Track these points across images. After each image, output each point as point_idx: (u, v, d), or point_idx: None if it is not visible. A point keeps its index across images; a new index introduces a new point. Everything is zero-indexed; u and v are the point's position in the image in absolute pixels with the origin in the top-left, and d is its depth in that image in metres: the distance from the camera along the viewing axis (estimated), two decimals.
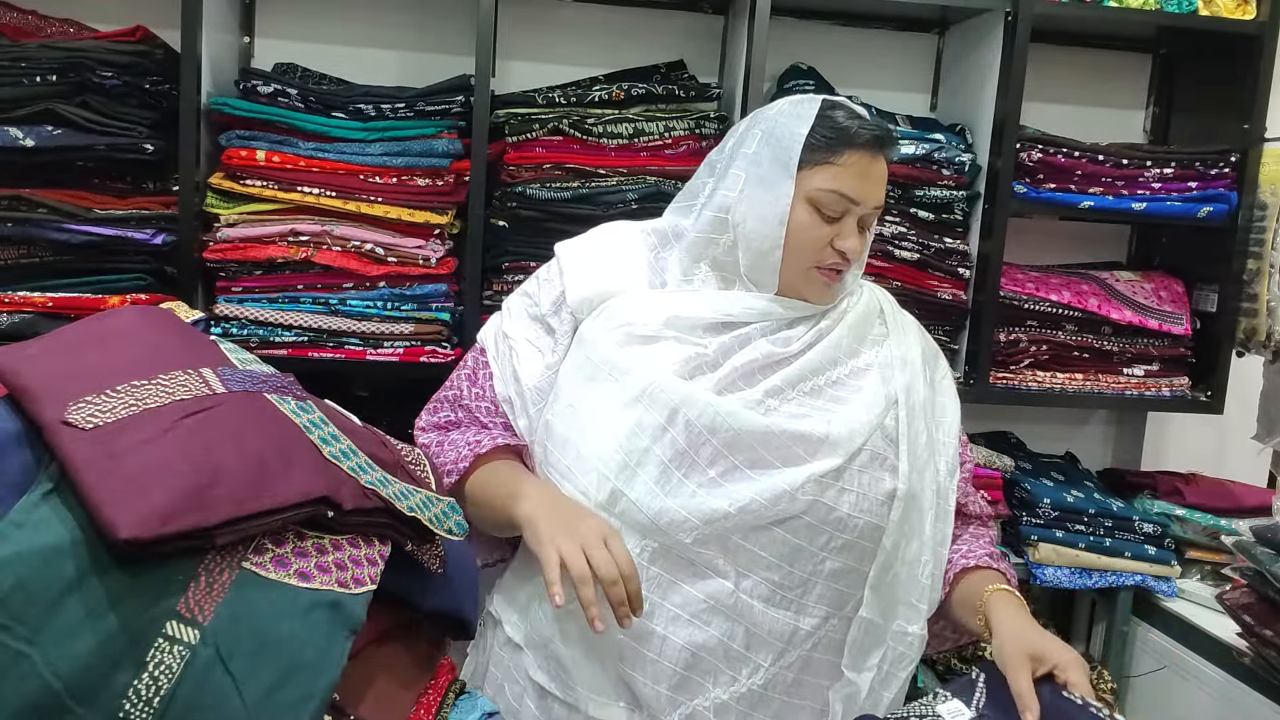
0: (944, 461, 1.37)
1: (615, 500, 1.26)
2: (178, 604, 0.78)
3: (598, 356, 1.31)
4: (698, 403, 1.25)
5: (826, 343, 1.34)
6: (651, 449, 1.25)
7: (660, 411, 1.26)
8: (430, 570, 1.05)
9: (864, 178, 1.29)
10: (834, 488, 1.26)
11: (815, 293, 1.34)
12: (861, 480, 1.28)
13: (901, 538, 1.31)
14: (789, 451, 1.26)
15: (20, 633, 0.74)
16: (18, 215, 1.87)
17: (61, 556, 0.77)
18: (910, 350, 1.40)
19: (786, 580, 1.27)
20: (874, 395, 1.33)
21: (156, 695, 0.75)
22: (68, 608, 0.75)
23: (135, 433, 0.83)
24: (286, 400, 0.97)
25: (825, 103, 1.33)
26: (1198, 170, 2.22)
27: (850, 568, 1.29)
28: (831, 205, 1.29)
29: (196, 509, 0.79)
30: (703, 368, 1.30)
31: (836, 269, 1.32)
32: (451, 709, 1.03)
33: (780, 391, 1.30)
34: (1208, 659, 2.03)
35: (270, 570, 0.83)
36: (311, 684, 0.80)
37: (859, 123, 1.30)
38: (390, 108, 1.99)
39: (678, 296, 1.35)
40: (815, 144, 1.29)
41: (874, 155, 1.30)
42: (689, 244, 1.37)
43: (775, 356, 1.32)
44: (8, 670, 0.73)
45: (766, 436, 1.25)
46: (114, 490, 0.78)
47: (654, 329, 1.31)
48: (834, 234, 1.30)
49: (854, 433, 1.28)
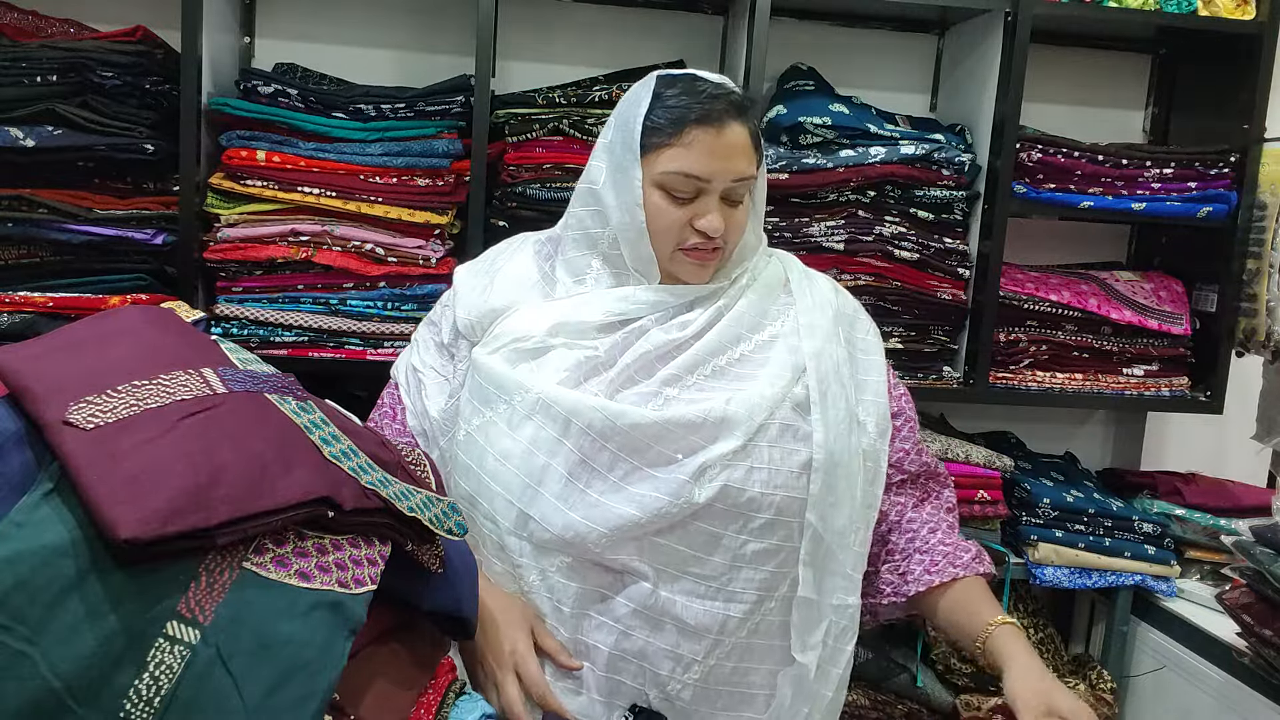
0: (871, 422, 1.33)
1: (523, 522, 1.24)
2: (178, 604, 0.78)
3: (488, 379, 1.29)
4: (587, 410, 1.23)
5: (726, 320, 1.31)
6: (550, 464, 1.23)
7: (553, 425, 1.24)
8: (430, 570, 1.05)
9: (710, 153, 1.24)
10: (740, 468, 1.22)
11: (689, 275, 1.31)
12: (772, 455, 1.24)
13: (827, 509, 1.26)
14: (687, 442, 1.23)
15: (20, 633, 0.74)
16: (18, 215, 1.87)
17: (62, 556, 0.77)
18: (818, 315, 1.35)
19: (708, 571, 1.24)
20: (780, 367, 1.29)
21: (157, 695, 0.75)
22: (68, 608, 0.75)
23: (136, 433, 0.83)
24: (287, 400, 0.97)
25: (661, 80, 1.29)
26: (1197, 170, 2.22)
27: (776, 547, 1.25)
28: (679, 186, 1.25)
29: (197, 509, 0.79)
30: (595, 369, 1.28)
31: (702, 249, 1.28)
32: (451, 709, 1.03)
33: (679, 379, 1.27)
34: (1207, 659, 2.03)
35: (271, 570, 0.83)
36: (312, 684, 0.80)
37: (698, 97, 1.25)
38: (390, 108, 2.00)
39: (565, 303, 1.32)
40: (654, 125, 1.26)
41: (719, 127, 1.24)
42: (576, 244, 1.34)
43: (673, 344, 1.28)
44: (8, 670, 0.73)
45: (661, 431, 1.22)
46: (115, 490, 0.78)
47: (540, 340, 1.29)
48: (692, 214, 1.26)
49: (754, 409, 1.24)
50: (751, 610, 1.26)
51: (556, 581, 1.24)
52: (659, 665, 1.25)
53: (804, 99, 2.20)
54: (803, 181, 2.11)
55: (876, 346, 1.41)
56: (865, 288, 2.14)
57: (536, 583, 1.25)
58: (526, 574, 1.26)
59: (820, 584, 1.28)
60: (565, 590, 1.24)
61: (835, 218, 2.13)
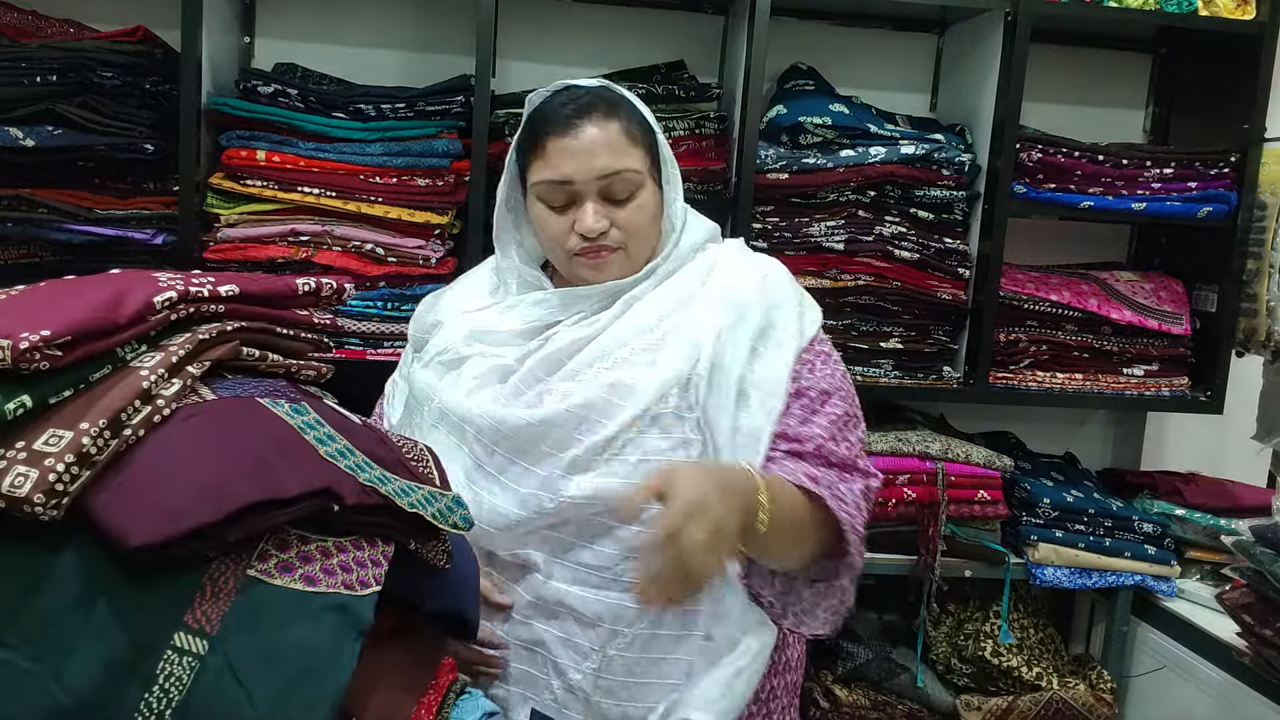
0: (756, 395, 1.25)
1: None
2: (185, 615, 0.78)
3: (413, 389, 1.38)
4: (476, 416, 1.27)
5: (632, 312, 1.31)
6: (451, 468, 1.21)
7: (453, 431, 1.29)
8: (433, 568, 1.05)
9: (568, 156, 1.27)
10: (620, 459, 1.21)
11: (589, 276, 1.32)
12: (659, 445, 1.22)
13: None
14: (568, 437, 1.23)
15: (28, 651, 0.74)
16: (18, 215, 1.87)
17: (66, 572, 0.77)
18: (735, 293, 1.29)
19: (600, 561, 1.23)
20: (679, 348, 1.26)
21: (168, 708, 0.75)
22: (74, 624, 0.75)
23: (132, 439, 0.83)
24: (279, 404, 0.97)
25: (532, 98, 1.33)
26: (1197, 170, 2.22)
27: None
28: (550, 195, 1.29)
29: (204, 505, 0.79)
30: (504, 375, 1.32)
31: (590, 250, 1.29)
32: (452, 709, 1.02)
33: (576, 373, 1.27)
34: (1207, 659, 2.03)
35: (276, 576, 0.83)
36: (322, 688, 0.79)
37: (552, 108, 1.29)
38: (390, 108, 2.00)
39: (484, 314, 1.38)
40: (522, 144, 1.32)
41: (568, 130, 1.27)
42: (501, 259, 1.41)
43: (580, 341, 1.30)
44: (17, 689, 0.73)
45: (543, 430, 1.23)
46: (118, 498, 0.78)
47: (460, 350, 1.35)
48: (573, 219, 1.29)
49: (637, 396, 1.22)
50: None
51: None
52: (557, 654, 1.26)
53: (804, 99, 2.20)
54: (803, 181, 2.11)
55: (793, 328, 1.30)
56: (865, 288, 2.14)
57: None
58: None
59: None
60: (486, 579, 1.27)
61: (835, 218, 2.13)
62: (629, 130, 1.29)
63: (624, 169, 1.28)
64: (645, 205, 1.31)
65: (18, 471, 0.75)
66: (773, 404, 1.25)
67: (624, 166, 1.28)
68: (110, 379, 0.85)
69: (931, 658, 2.25)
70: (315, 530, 0.89)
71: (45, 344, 0.78)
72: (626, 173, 1.28)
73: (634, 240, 1.31)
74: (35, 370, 0.79)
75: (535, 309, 1.35)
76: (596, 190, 1.28)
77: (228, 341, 0.98)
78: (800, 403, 1.28)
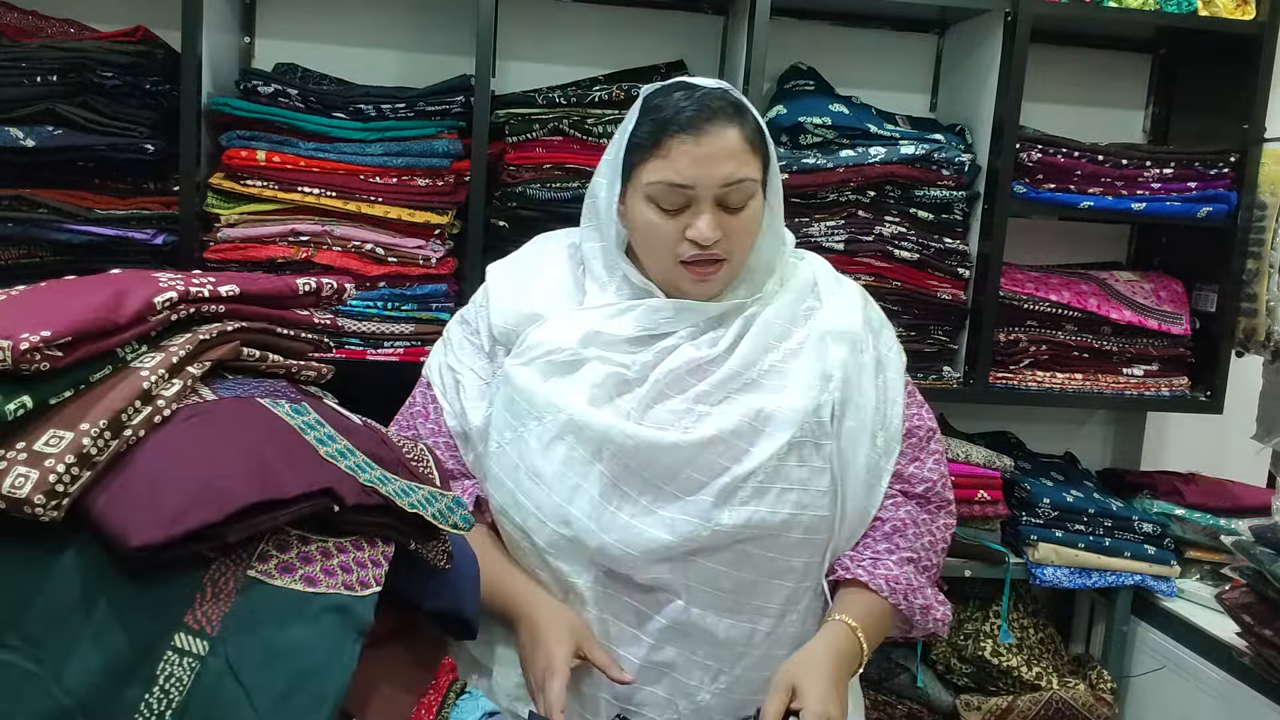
0: (881, 438, 1.32)
1: (556, 540, 1.25)
2: (185, 616, 0.78)
3: (520, 393, 1.27)
4: (619, 434, 1.22)
5: (754, 332, 1.29)
6: (581, 485, 1.23)
7: (585, 447, 1.23)
8: (433, 568, 1.05)
9: (693, 160, 1.22)
10: (772, 490, 1.23)
11: (691, 290, 1.29)
12: (800, 475, 1.24)
13: (843, 525, 1.28)
14: (715, 463, 1.23)
15: (29, 652, 0.74)
16: (18, 215, 1.86)
17: (68, 574, 0.77)
18: (845, 321, 1.33)
19: (738, 587, 1.25)
20: (809, 376, 1.27)
21: (168, 708, 0.75)
22: (75, 625, 0.75)
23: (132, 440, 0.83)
24: (280, 404, 0.97)
25: (649, 94, 1.28)
26: (1197, 170, 2.22)
27: (804, 564, 1.27)
28: (666, 197, 1.24)
29: (205, 505, 0.79)
30: (626, 386, 1.28)
31: (701, 260, 1.26)
32: (452, 709, 1.02)
33: (709, 395, 1.26)
34: (1207, 659, 2.03)
35: (276, 577, 0.83)
36: (323, 689, 0.79)
37: (675, 107, 1.23)
38: (390, 108, 1.99)
39: (596, 313, 1.31)
40: (639, 140, 1.25)
41: (699, 133, 1.22)
42: (594, 255, 1.34)
43: (703, 360, 1.27)
44: (19, 690, 0.73)
45: (692, 454, 1.22)
46: (120, 499, 0.78)
47: (574, 353, 1.27)
48: (684, 225, 1.24)
49: (783, 425, 1.24)
50: (776, 623, 1.27)
51: (590, 595, 1.25)
52: (689, 676, 1.26)
53: (804, 99, 2.20)
54: (803, 181, 2.10)
55: (897, 363, 1.39)
56: (865, 288, 2.13)
57: (573, 597, 1.27)
58: (561, 588, 1.27)
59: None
60: (598, 604, 1.26)
61: (835, 218, 2.13)
62: (751, 137, 1.26)
63: (745, 178, 1.25)
64: (755, 216, 1.28)
65: (18, 472, 0.75)
66: (894, 445, 1.34)
67: (745, 175, 1.25)
68: (110, 379, 0.85)
69: (931, 657, 2.25)
70: (316, 530, 0.89)
71: (45, 344, 0.78)
72: (746, 182, 1.25)
73: (738, 251, 1.29)
74: (35, 371, 0.79)
75: (649, 317, 1.29)
76: (714, 197, 1.24)
77: (228, 342, 0.99)
78: (910, 442, 1.36)
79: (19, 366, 0.78)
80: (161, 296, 0.91)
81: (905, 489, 1.36)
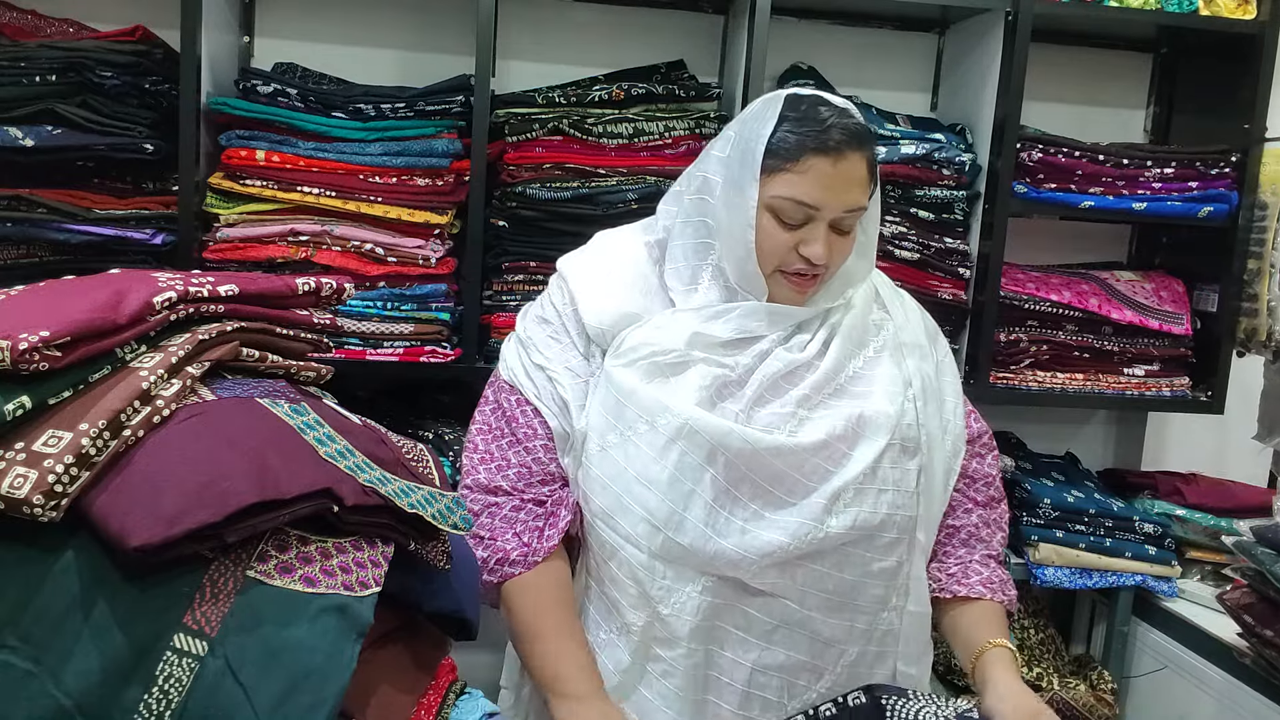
0: (949, 439, 1.37)
1: (669, 547, 1.25)
2: (184, 616, 0.78)
3: (624, 394, 1.26)
4: (734, 439, 1.23)
5: (840, 339, 1.32)
6: (695, 491, 1.24)
7: (698, 452, 1.23)
8: (434, 569, 1.05)
9: (825, 183, 1.22)
10: (871, 491, 1.27)
11: (786, 297, 1.30)
12: (893, 475, 1.29)
13: (929, 524, 1.33)
14: (824, 471, 1.26)
15: (28, 652, 0.74)
16: (17, 215, 1.86)
17: (66, 574, 0.77)
18: (916, 332, 1.40)
19: (839, 586, 1.28)
20: (891, 383, 1.32)
21: (167, 709, 0.75)
22: (74, 625, 0.75)
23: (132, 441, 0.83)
24: (279, 404, 0.96)
25: (789, 100, 1.26)
26: (1198, 170, 2.21)
27: (896, 564, 1.31)
28: (790, 213, 1.24)
29: (205, 506, 0.79)
30: (729, 389, 1.28)
31: (804, 275, 1.28)
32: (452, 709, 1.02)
33: (809, 399, 1.28)
34: (1208, 659, 2.03)
35: (275, 577, 0.83)
36: (322, 690, 0.79)
37: (820, 125, 1.23)
38: (390, 107, 1.99)
39: (695, 315, 1.30)
40: (775, 149, 1.23)
41: (838, 157, 1.22)
42: (685, 253, 1.33)
43: (795, 363, 1.29)
44: (17, 690, 0.73)
45: (802, 458, 1.24)
46: (119, 500, 0.78)
47: (679, 354, 1.27)
48: (798, 240, 1.25)
49: (880, 429, 1.28)
50: (871, 620, 1.31)
51: (700, 602, 1.26)
52: (797, 677, 1.29)
53: None
54: None
55: (952, 368, 1.44)
56: None
57: (677, 604, 1.26)
58: (667, 595, 1.26)
59: (920, 594, 1.34)
60: (707, 610, 1.26)
61: None
62: (871, 165, 1.28)
63: (861, 206, 1.27)
64: (854, 238, 1.31)
65: (17, 473, 0.75)
66: (960, 445, 1.39)
67: (863, 204, 1.27)
68: (110, 380, 0.85)
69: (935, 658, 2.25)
70: (315, 531, 0.89)
71: (44, 345, 0.78)
72: (860, 210, 1.28)
73: (834, 268, 1.31)
74: (34, 371, 0.79)
75: (747, 320, 1.30)
76: (831, 219, 1.25)
77: (227, 342, 0.98)
78: (974, 441, 1.44)
79: (18, 366, 0.77)
80: (160, 296, 0.91)
81: (969, 485, 1.43)
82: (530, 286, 2.06)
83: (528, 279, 2.06)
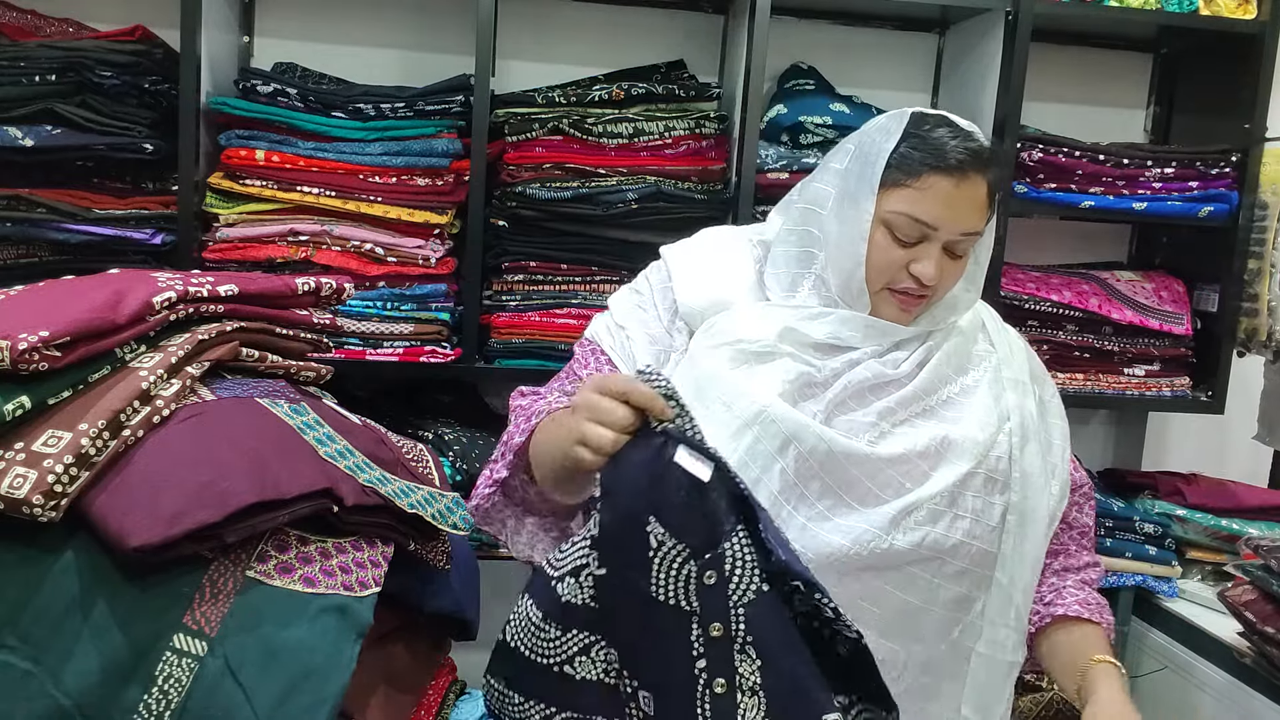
0: (1056, 484, 1.33)
1: None
2: (184, 616, 0.78)
3: (706, 376, 1.24)
4: (810, 435, 1.20)
5: (935, 361, 1.29)
6: (761, 479, 1.21)
7: (771, 441, 1.20)
8: (434, 569, 1.05)
9: (945, 202, 1.20)
10: (946, 515, 1.22)
11: (891, 314, 1.28)
12: (975, 505, 1.24)
13: (1014, 566, 1.27)
14: (898, 485, 1.22)
15: (27, 652, 0.74)
16: (17, 215, 1.86)
17: (66, 574, 0.77)
18: (1019, 368, 1.36)
19: (901, 608, 1.24)
20: (985, 413, 1.28)
21: (167, 709, 0.75)
22: (74, 625, 0.75)
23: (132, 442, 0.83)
24: (279, 404, 0.96)
25: (915, 117, 1.24)
26: (1198, 170, 2.21)
27: (964, 595, 1.26)
28: (905, 229, 1.21)
29: (205, 506, 0.79)
30: (812, 388, 1.26)
31: (911, 294, 1.25)
32: (452, 709, 1.02)
33: (893, 413, 1.25)
34: (1209, 659, 2.03)
35: (275, 578, 0.83)
36: (322, 689, 0.79)
37: (946, 144, 1.21)
38: (390, 107, 1.99)
39: (789, 311, 1.29)
40: (896, 163, 1.21)
41: (960, 178, 1.20)
42: (788, 260, 1.31)
43: (885, 377, 1.26)
44: (17, 690, 0.73)
45: (877, 468, 1.21)
46: (119, 500, 0.78)
47: (769, 344, 1.25)
48: (910, 258, 1.23)
49: (965, 454, 1.24)
50: (927, 651, 1.26)
51: None
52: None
53: (804, 98, 2.20)
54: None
55: (1060, 411, 1.40)
56: None
57: None
58: None
59: (998, 641, 1.29)
60: None
61: None
62: (994, 191, 1.25)
63: (977, 231, 1.25)
64: (966, 264, 1.29)
65: (16, 473, 0.75)
66: (1065, 492, 1.35)
67: (979, 229, 1.25)
68: (109, 379, 0.85)
69: None
70: (315, 531, 0.89)
71: (44, 345, 0.78)
72: (976, 235, 1.25)
73: (942, 291, 1.28)
74: (34, 371, 0.79)
75: (842, 327, 1.27)
76: (945, 241, 1.23)
77: (227, 342, 0.98)
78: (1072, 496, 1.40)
79: (17, 367, 0.77)
80: (160, 296, 0.91)
81: (1064, 531, 1.41)
82: (530, 286, 2.06)
83: (527, 279, 2.06)
